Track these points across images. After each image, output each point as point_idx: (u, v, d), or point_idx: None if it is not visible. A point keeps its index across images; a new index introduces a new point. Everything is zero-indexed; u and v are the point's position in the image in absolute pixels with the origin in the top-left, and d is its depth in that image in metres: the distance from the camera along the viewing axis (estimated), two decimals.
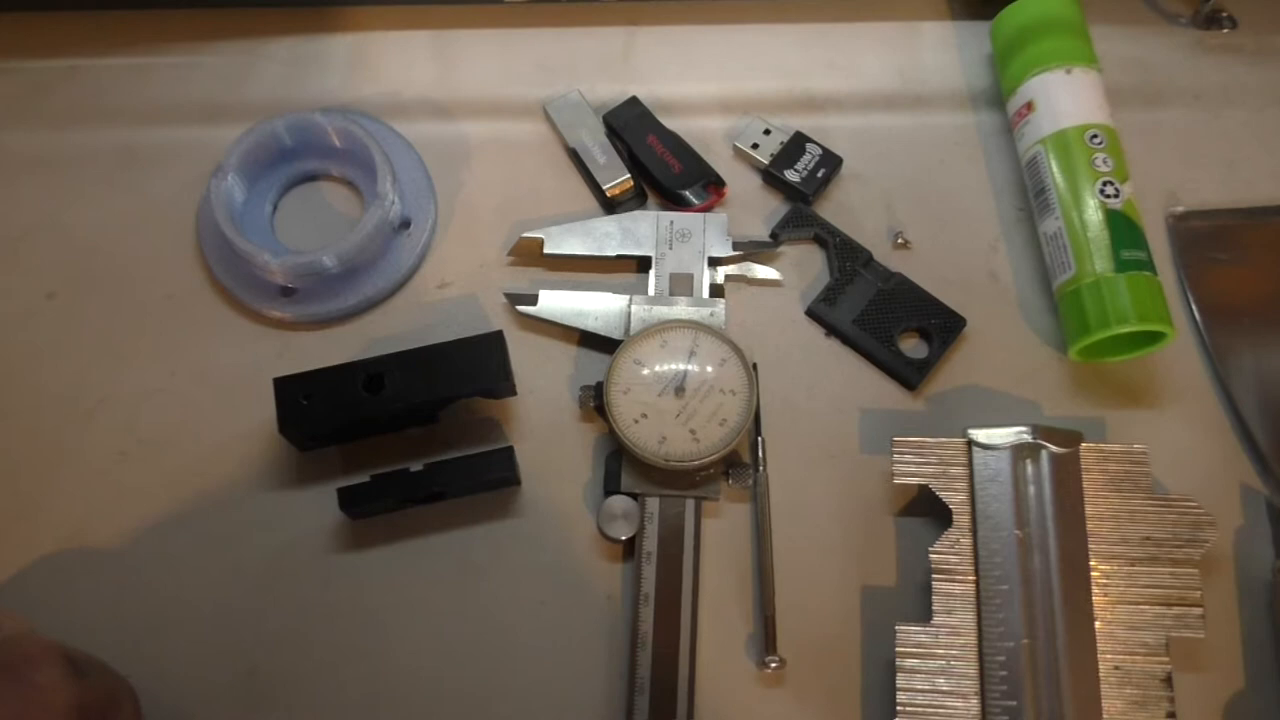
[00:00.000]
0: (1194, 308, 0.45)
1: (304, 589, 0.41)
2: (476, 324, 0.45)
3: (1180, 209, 0.47)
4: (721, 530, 0.42)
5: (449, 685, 0.40)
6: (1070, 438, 0.41)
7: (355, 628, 0.41)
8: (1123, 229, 0.42)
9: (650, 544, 0.41)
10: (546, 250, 0.46)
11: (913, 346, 0.45)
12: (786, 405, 0.44)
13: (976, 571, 0.39)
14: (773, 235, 0.46)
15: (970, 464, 0.40)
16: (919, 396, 0.44)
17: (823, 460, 0.43)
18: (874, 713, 0.38)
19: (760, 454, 0.42)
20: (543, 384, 0.44)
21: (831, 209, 0.47)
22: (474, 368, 0.41)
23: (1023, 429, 0.40)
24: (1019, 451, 0.40)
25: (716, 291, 0.45)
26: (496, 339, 0.42)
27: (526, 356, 0.45)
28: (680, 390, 0.42)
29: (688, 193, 0.46)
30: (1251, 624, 0.40)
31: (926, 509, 0.41)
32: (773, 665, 0.39)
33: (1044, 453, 0.40)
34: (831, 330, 0.45)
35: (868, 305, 0.45)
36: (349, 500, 0.41)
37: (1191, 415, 0.44)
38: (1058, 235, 0.44)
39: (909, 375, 0.44)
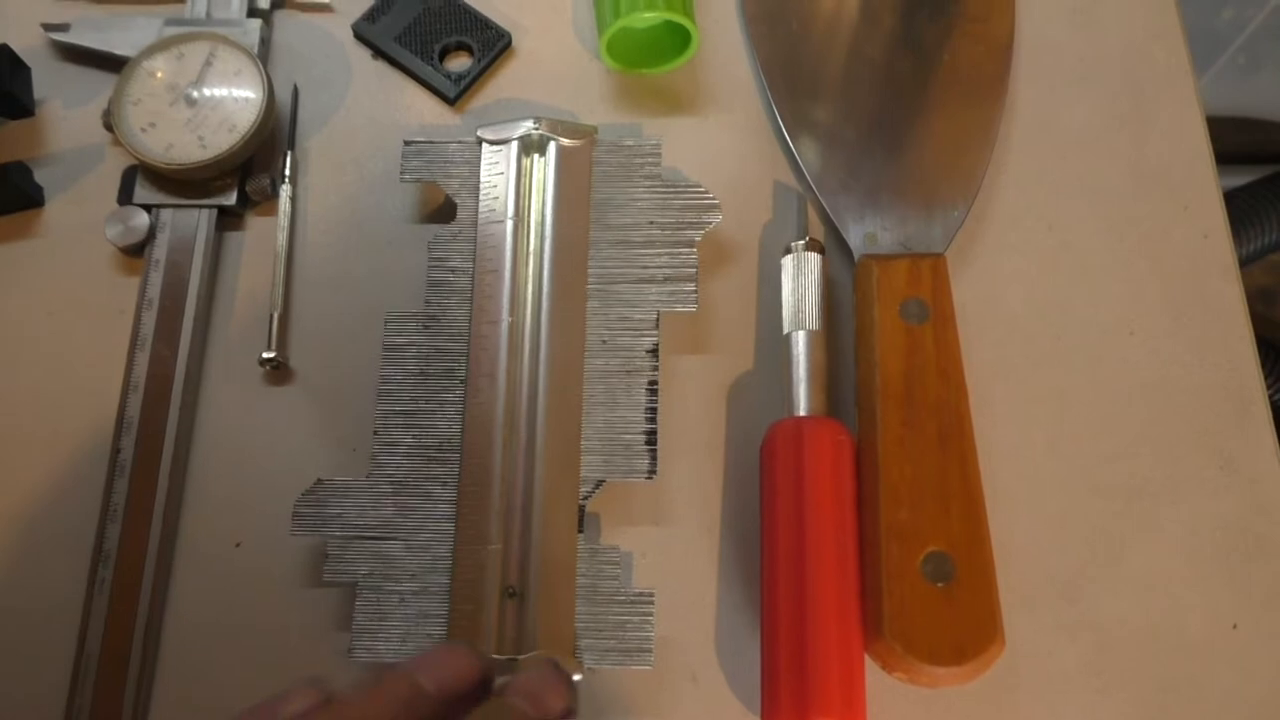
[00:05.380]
0: (745, 20, 0.45)
1: None
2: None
3: None
4: (252, 242, 0.41)
5: None
6: (582, 131, 0.40)
7: None
8: None
9: (160, 253, 0.40)
10: None
11: (461, 64, 0.44)
12: (327, 124, 0.43)
13: (473, 261, 0.39)
14: None
15: (479, 161, 0.40)
16: (461, 111, 0.44)
17: (359, 176, 0.43)
18: (370, 402, 0.38)
19: (287, 170, 0.42)
20: (82, 114, 0.43)
21: None
22: None
23: (530, 122, 0.40)
24: (526, 144, 0.40)
25: (262, 16, 0.44)
26: (2, 50, 0.41)
27: (69, 89, 0.44)
28: (191, 100, 0.41)
29: None
30: (766, 308, 0.40)
31: (450, 213, 0.41)
32: (267, 358, 0.39)
33: (552, 145, 0.40)
34: (375, 50, 0.44)
35: (411, 23, 0.44)
36: None
37: (736, 123, 0.43)
38: None
39: (447, 89, 0.43)
